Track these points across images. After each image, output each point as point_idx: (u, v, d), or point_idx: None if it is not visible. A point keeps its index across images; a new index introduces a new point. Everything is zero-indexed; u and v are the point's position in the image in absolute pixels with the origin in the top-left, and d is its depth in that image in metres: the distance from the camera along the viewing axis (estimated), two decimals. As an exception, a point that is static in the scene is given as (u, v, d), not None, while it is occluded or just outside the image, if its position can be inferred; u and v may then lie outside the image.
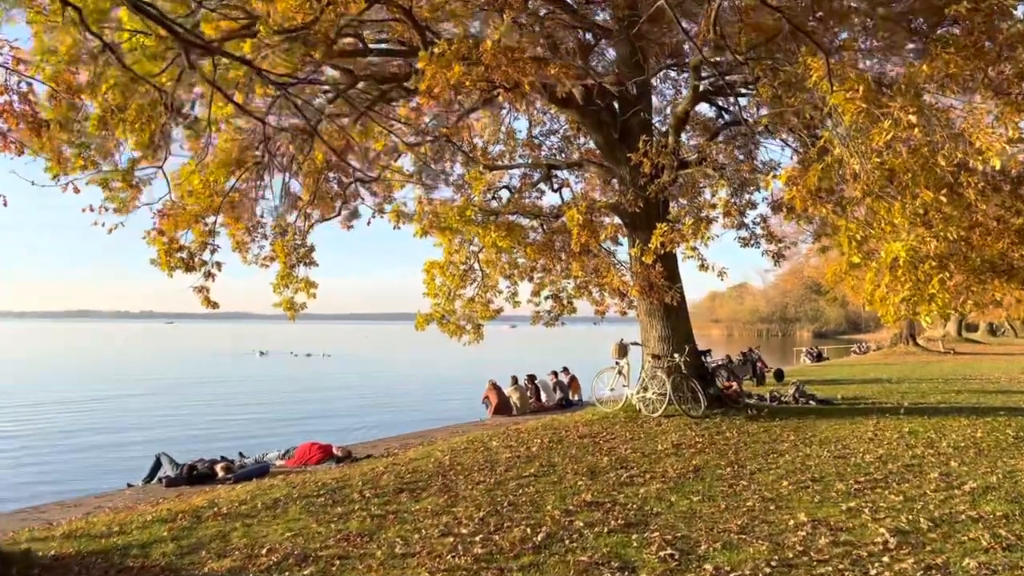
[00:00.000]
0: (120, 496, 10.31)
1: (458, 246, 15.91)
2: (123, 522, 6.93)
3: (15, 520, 8.51)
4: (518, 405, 18.82)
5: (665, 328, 13.90)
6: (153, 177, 12.31)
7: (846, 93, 7.83)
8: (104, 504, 9.41)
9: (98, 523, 6.98)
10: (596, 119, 13.77)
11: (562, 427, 12.53)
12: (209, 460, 11.35)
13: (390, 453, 12.05)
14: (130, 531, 6.58)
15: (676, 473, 8.51)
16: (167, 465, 11.09)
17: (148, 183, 12.38)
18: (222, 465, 10.97)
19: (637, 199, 12.58)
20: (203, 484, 10.51)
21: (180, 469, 10.88)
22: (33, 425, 19.33)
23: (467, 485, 8.14)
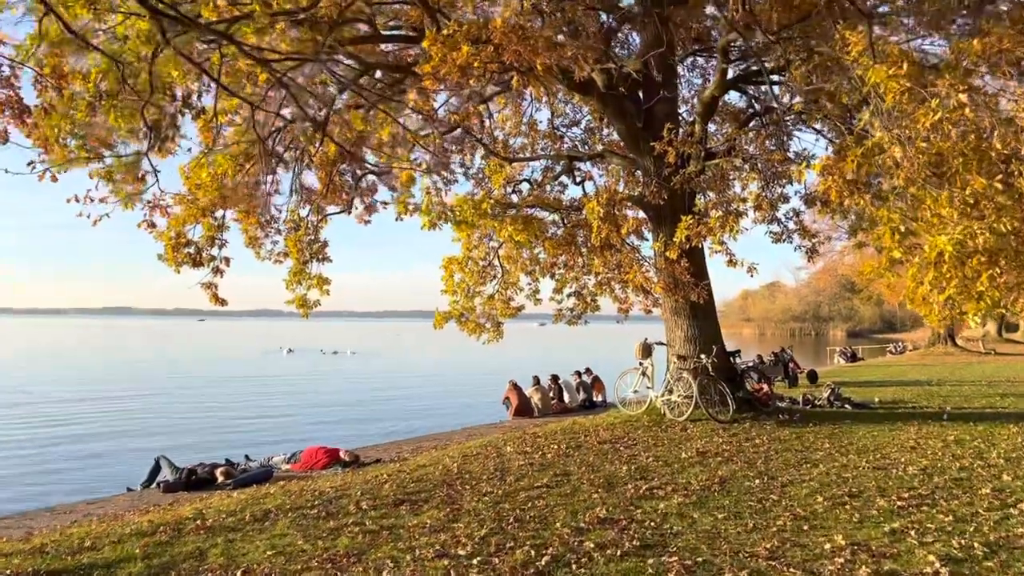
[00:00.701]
0: (114, 502, 9.88)
1: (477, 241, 15.37)
2: (99, 535, 6.43)
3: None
4: (539, 406, 18.22)
5: (691, 327, 13.19)
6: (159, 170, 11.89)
7: (888, 70, 7.09)
8: (95, 511, 8.98)
9: (73, 536, 6.49)
10: (619, 107, 13.09)
11: (582, 431, 11.89)
12: (210, 464, 10.89)
13: (400, 458, 11.52)
14: (102, 547, 6.07)
15: (700, 485, 7.84)
16: (166, 469, 10.65)
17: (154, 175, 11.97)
18: (222, 470, 10.50)
19: (661, 190, 11.89)
20: (202, 489, 10.07)
21: (179, 474, 10.43)
22: (50, 424, 19.09)
23: (473, 497, 7.54)
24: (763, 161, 13.11)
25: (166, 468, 10.66)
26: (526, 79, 9.20)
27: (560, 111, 16.67)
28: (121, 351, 61.05)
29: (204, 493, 9.83)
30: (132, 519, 7.45)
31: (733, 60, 12.32)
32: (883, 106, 7.65)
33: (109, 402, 24.01)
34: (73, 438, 16.71)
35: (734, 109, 16.49)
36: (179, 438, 16.86)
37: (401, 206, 13.11)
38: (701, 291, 12.22)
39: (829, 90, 10.80)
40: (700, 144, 12.07)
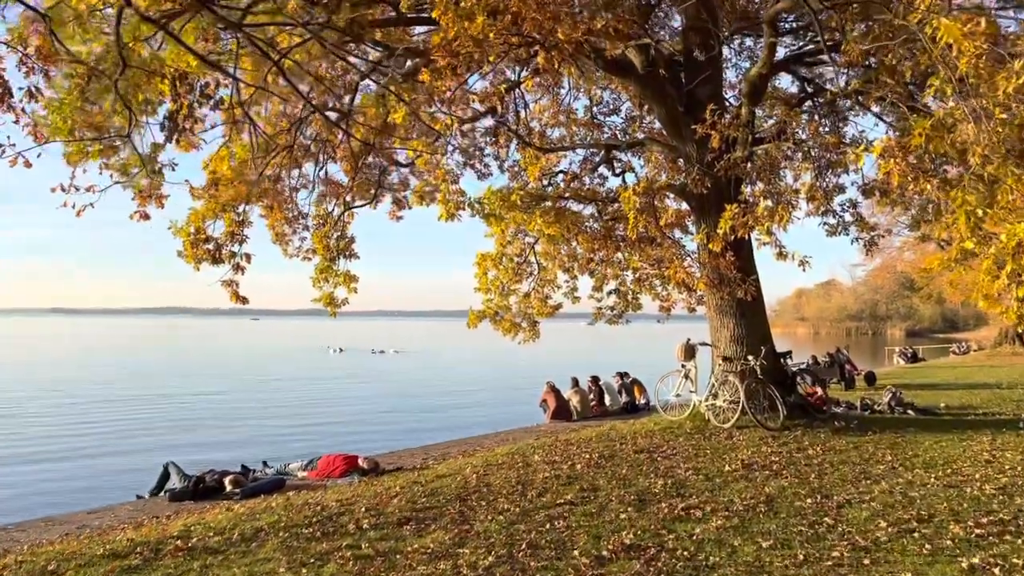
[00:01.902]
0: (115, 512, 9.37)
1: (511, 237, 14.63)
2: (69, 556, 5.84)
3: (-19, 541, 7.59)
4: (578, 409, 17.36)
5: (738, 327, 12.22)
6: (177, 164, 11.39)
7: (963, 26, 6.10)
8: (91, 522, 8.47)
9: (40, 557, 5.90)
10: (659, 90, 12.18)
11: (618, 438, 11.04)
12: (220, 472, 10.32)
13: (423, 465, 10.81)
14: (64, 572, 5.45)
15: (743, 505, 6.94)
16: (175, 476, 10.12)
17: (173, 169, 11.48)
18: (231, 478, 9.92)
19: (704, 178, 10.94)
20: (209, 499, 9.50)
21: (187, 482, 9.89)
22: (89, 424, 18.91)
23: (486, 515, 6.77)
24: (817, 147, 12.11)
25: (175, 475, 10.14)
26: (552, 56, 8.37)
27: (598, 98, 15.83)
28: (174, 351, 61.86)
29: (210, 503, 9.27)
30: (116, 536, 6.86)
31: (782, 34, 11.32)
32: (956, 73, 6.65)
33: (153, 402, 23.90)
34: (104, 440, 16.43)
35: (784, 94, 15.45)
36: (211, 439, 16.50)
37: (417, 196, 12.38)
38: (748, 287, 11.25)
39: (890, 64, 9.78)
40: (747, 128, 11.13)
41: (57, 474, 12.68)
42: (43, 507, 10.11)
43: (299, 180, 14.10)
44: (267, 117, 13.19)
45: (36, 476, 12.50)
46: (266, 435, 17.07)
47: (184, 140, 12.12)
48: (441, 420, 19.62)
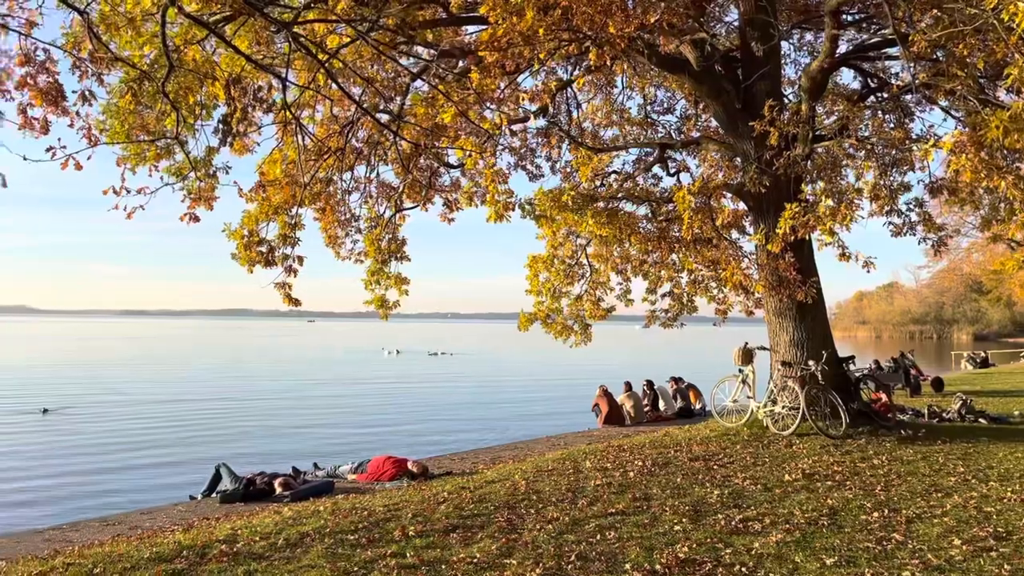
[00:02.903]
0: (167, 512, 9.44)
1: (563, 238, 14.43)
2: (116, 558, 5.82)
3: (34, 541, 7.69)
4: (631, 414, 17.05)
5: (798, 330, 11.80)
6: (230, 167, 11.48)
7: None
8: (143, 523, 8.52)
9: (89, 557, 5.91)
10: (715, 86, 11.85)
11: (673, 444, 10.74)
12: (270, 474, 10.34)
13: (473, 470, 10.68)
14: (111, 573, 5.43)
15: (805, 517, 6.61)
16: (226, 478, 10.16)
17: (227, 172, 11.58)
18: (281, 480, 9.92)
19: (762, 177, 10.59)
20: (259, 501, 9.52)
21: (238, 483, 9.91)
22: (145, 424, 19.25)
23: (535, 523, 6.57)
24: (881, 143, 11.63)
25: (226, 477, 10.18)
26: (604, 52, 8.15)
27: (652, 97, 15.52)
28: (232, 353, 63.11)
29: (260, 505, 9.26)
30: (165, 538, 6.86)
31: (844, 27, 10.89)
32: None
33: (209, 403, 24.28)
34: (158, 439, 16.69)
35: (846, 90, 14.92)
36: (264, 440, 16.64)
37: (466, 197, 12.25)
38: (809, 289, 10.84)
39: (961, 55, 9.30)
40: (807, 124, 10.74)
41: (113, 474, 12.87)
42: (98, 507, 10.26)
43: (351, 183, 14.12)
44: (320, 120, 13.26)
45: (92, 476, 12.70)
46: (318, 437, 17.15)
47: (238, 143, 12.26)
48: (492, 423, 19.48)
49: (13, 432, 17.53)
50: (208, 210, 9.35)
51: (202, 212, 9.34)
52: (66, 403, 22.78)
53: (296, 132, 9.58)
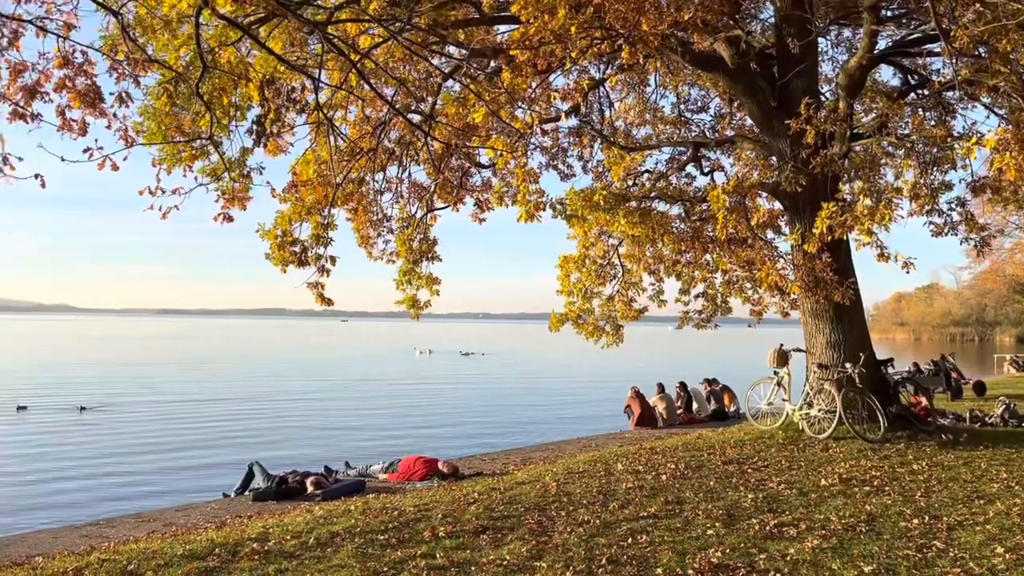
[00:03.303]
0: (201, 510, 9.55)
1: (594, 238, 14.32)
2: (149, 556, 5.87)
3: (71, 537, 7.80)
4: (664, 416, 16.90)
5: (835, 332, 11.57)
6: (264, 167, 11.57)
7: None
8: (177, 519, 8.62)
9: (124, 554, 5.97)
10: (750, 84, 11.68)
11: (706, 447, 10.60)
12: (302, 473, 10.41)
13: (503, 471, 10.65)
14: (145, 570, 5.47)
15: (842, 523, 6.47)
16: (259, 476, 10.24)
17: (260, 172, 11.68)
18: (312, 479, 9.97)
19: (798, 176, 10.39)
20: (291, 499, 9.58)
21: (270, 481, 9.99)
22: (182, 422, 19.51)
23: (566, 526, 6.51)
24: (921, 141, 11.36)
25: (259, 475, 10.26)
26: (637, 50, 8.06)
27: (685, 95, 15.35)
28: (265, 351, 63.84)
29: (291, 504, 9.33)
30: (199, 535, 6.91)
31: (883, 22, 10.67)
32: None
33: (243, 401, 24.58)
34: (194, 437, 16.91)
35: (885, 87, 14.63)
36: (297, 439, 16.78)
37: (496, 197, 12.21)
38: (846, 290, 10.64)
39: (1004, 50, 9.06)
40: (845, 122, 10.52)
41: (148, 471, 13.05)
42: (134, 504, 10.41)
43: (383, 183, 14.16)
44: (353, 121, 13.31)
45: (128, 473, 12.90)
46: (350, 436, 17.25)
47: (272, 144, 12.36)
48: (524, 424, 19.45)
49: (51, 431, 17.83)
50: (241, 210, 9.42)
51: (239, 213, 9.42)
52: (103, 401, 23.17)
53: (328, 133, 9.63)
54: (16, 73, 7.62)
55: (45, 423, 18.88)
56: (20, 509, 10.32)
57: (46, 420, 19.35)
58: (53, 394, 25.27)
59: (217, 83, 8.62)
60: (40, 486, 11.88)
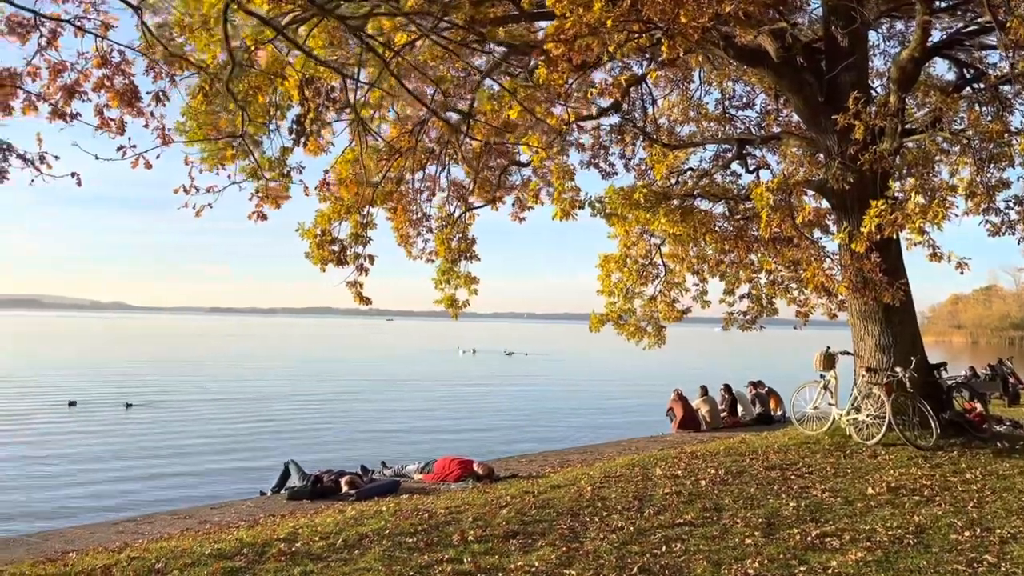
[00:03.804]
0: (236, 508, 9.58)
1: (636, 238, 14.09)
2: (178, 554, 5.86)
3: (107, 533, 7.86)
4: (707, 419, 16.57)
5: (884, 334, 11.17)
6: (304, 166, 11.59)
7: None
8: (212, 517, 8.66)
9: (153, 552, 5.98)
10: (796, 79, 11.34)
11: (749, 452, 10.32)
12: (337, 472, 10.38)
13: (539, 473, 10.49)
14: (170, 571, 5.45)
15: (889, 535, 6.18)
16: (295, 475, 10.26)
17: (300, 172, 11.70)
18: (347, 479, 9.94)
19: (846, 173, 10.04)
20: (326, 499, 9.57)
21: (306, 480, 9.99)
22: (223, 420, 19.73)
23: (598, 532, 6.33)
24: (977, 137, 10.91)
25: (295, 474, 10.28)
26: (676, 43, 7.83)
27: (730, 91, 15.01)
28: (310, 350, 64.58)
29: (325, 503, 9.31)
30: (230, 534, 6.91)
31: (937, 13, 10.25)
32: None
33: (285, 399, 24.85)
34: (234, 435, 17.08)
35: (939, 81, 14.11)
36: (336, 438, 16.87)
37: (531, 195, 12.06)
38: (896, 291, 10.23)
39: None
40: (896, 117, 10.14)
41: (188, 468, 13.21)
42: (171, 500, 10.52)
43: (423, 182, 14.12)
44: (393, 120, 13.28)
45: (168, 469, 13.07)
46: (389, 435, 17.29)
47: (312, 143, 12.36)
48: (563, 426, 19.28)
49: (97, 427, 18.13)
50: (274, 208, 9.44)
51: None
52: (150, 398, 23.58)
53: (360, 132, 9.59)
54: (56, 73, 7.73)
55: (92, 419, 19.27)
56: (60, 504, 10.49)
57: (93, 416, 19.74)
58: (102, 390, 25.82)
59: (252, 81, 8.61)
60: (82, 481, 12.07)
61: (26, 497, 10.89)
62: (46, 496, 10.94)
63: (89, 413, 20.23)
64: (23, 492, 11.23)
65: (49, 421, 18.77)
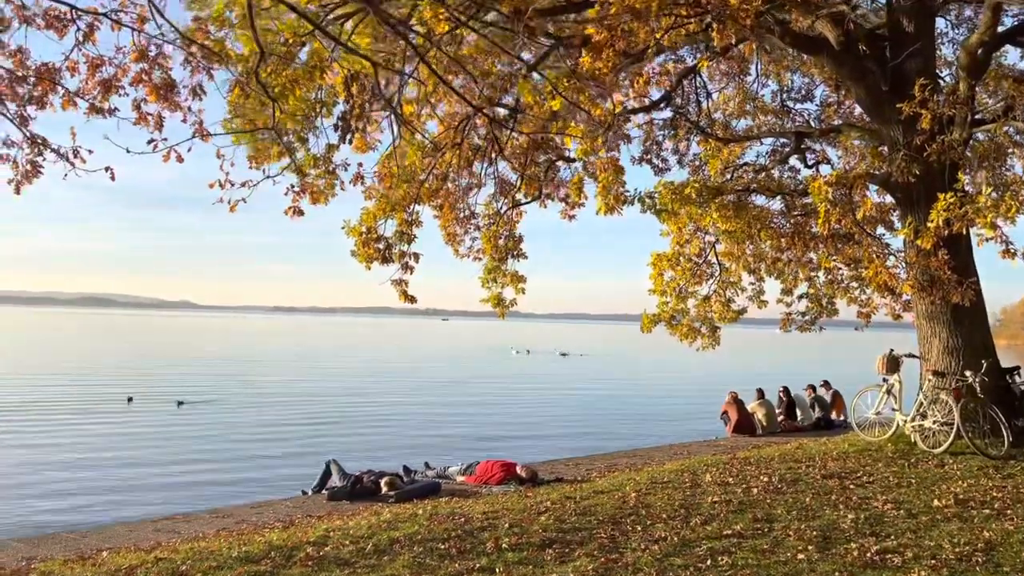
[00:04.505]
0: (274, 508, 9.49)
1: (689, 235, 13.65)
2: (203, 557, 5.73)
3: (145, 531, 7.83)
4: (764, 423, 16.01)
5: (953, 336, 10.54)
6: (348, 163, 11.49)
7: None
8: (249, 517, 8.58)
9: (181, 553, 5.86)
10: (857, 67, 10.79)
11: (805, 458, 9.84)
12: (377, 473, 10.22)
13: (584, 477, 10.17)
14: (196, 572, 5.31)
15: (956, 552, 5.70)
16: (336, 475, 10.14)
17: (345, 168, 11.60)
18: (387, 480, 9.78)
19: (911, 165, 9.48)
20: (364, 500, 9.43)
21: (346, 481, 9.86)
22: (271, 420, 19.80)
23: (640, 542, 6.00)
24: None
25: (336, 473, 10.17)
26: (727, 30, 7.43)
27: (788, 82, 14.46)
28: (365, 350, 65.23)
29: (364, 504, 9.16)
30: (261, 536, 6.77)
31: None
32: None
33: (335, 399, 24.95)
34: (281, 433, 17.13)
35: (1012, 70, 13.34)
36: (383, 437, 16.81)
37: (575, 190, 11.75)
38: (966, 291, 9.63)
39: None
40: (965, 106, 9.55)
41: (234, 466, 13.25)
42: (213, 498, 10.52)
43: (470, 179, 13.93)
44: (442, 117, 13.11)
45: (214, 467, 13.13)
46: (436, 435, 17.17)
47: (359, 140, 12.25)
48: (614, 428, 18.89)
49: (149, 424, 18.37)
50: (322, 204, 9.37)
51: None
52: (202, 396, 23.90)
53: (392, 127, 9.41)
54: (94, 68, 7.71)
55: (146, 416, 19.55)
56: (108, 500, 10.58)
57: (148, 413, 20.04)
58: (160, 387, 26.32)
59: (289, 75, 8.49)
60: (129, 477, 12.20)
61: (74, 493, 11.01)
62: (93, 492, 11.05)
63: (144, 409, 20.58)
64: (72, 487, 11.38)
65: (106, 417, 19.14)
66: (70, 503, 10.35)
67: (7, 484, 11.60)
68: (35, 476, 12.19)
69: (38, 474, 12.30)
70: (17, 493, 10.99)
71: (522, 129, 12.31)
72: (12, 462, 13.25)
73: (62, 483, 11.65)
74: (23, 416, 18.82)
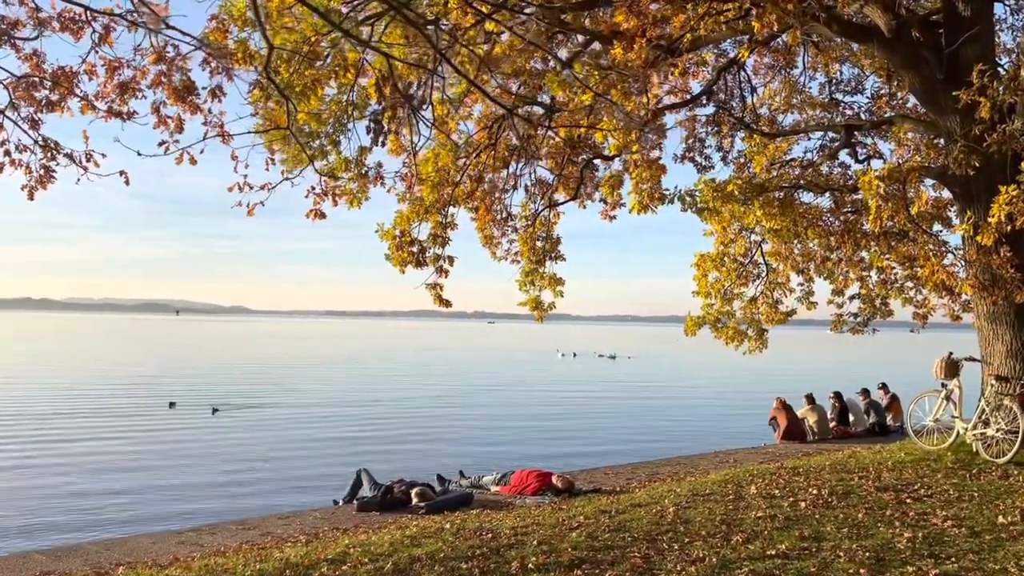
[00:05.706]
0: (301, 519, 9.26)
1: (734, 234, 13.16)
2: (221, 571, 5.51)
3: (168, 543, 7.66)
4: (814, 429, 15.38)
5: (1017, 339, 9.88)
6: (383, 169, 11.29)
7: None
8: (275, 528, 8.36)
9: (194, 570, 5.64)
10: (910, 54, 10.18)
11: (858, 468, 9.28)
12: (408, 482, 9.95)
13: (624, 488, 9.77)
14: (204, 592, 5.09)
15: None
16: (366, 484, 9.90)
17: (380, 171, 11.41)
18: (417, 491, 9.49)
19: (970, 156, 8.88)
20: (395, 511, 9.16)
21: (376, 491, 9.61)
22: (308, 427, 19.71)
23: (676, 563, 5.59)
24: None
25: (366, 483, 9.93)
26: (768, 15, 7.00)
27: (836, 73, 13.85)
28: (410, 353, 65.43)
29: (393, 515, 8.89)
30: (278, 553, 6.53)
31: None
32: None
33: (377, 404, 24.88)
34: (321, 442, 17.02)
35: (1077, 56, 12.57)
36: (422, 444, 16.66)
37: (608, 189, 11.35)
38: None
39: None
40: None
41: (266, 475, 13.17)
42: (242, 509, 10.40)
43: (507, 180, 13.64)
44: (477, 118, 12.85)
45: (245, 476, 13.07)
46: (476, 442, 16.93)
47: (393, 142, 12.03)
48: (658, 434, 18.43)
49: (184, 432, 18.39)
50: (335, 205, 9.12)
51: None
52: (239, 402, 23.88)
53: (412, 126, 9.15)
54: (112, 71, 7.57)
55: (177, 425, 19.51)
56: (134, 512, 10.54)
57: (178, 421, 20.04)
58: (203, 392, 26.49)
59: (310, 73, 8.28)
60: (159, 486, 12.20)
61: (101, 504, 10.99)
62: (120, 503, 11.02)
63: (183, 415, 20.69)
64: (98, 498, 11.38)
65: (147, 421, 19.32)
66: (96, 516, 10.28)
67: (39, 492, 11.66)
68: (68, 483, 12.28)
69: (70, 483, 12.38)
70: (41, 505, 10.98)
71: (557, 123, 11.99)
72: (49, 469, 13.36)
73: (88, 494, 11.66)
74: (73, 422, 19.10)
